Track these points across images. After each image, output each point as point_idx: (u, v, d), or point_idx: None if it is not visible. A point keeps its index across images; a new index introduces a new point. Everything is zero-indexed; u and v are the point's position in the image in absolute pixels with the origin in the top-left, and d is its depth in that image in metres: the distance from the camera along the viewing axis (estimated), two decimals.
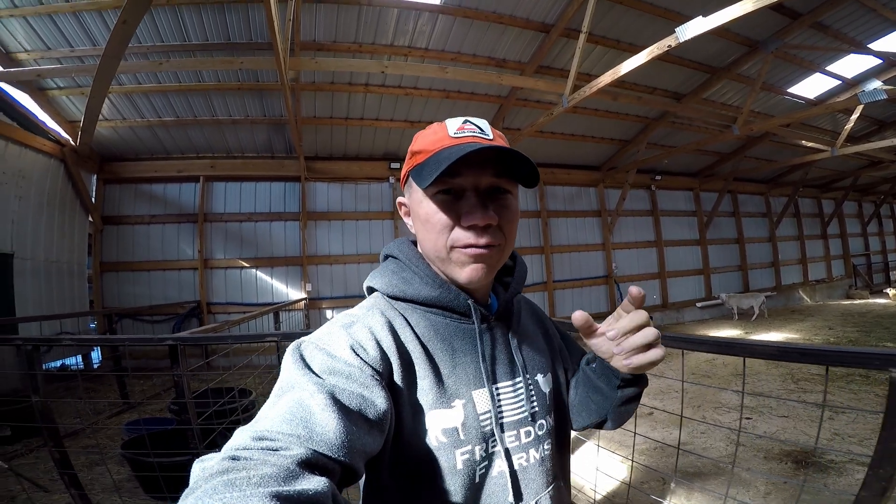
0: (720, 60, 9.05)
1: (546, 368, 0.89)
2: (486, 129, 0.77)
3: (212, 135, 8.21)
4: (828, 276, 17.35)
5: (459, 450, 0.72)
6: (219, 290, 8.63)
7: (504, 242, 0.77)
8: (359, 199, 9.60)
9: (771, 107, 10.89)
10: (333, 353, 0.66)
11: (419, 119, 8.88)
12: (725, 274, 14.17)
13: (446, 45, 7.30)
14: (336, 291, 9.29)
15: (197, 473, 0.47)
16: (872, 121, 12.84)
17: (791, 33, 8.27)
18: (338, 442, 0.55)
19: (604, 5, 6.89)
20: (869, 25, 8.43)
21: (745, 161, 13.35)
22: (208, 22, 6.07)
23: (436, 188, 0.74)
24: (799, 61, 9.31)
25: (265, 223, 8.98)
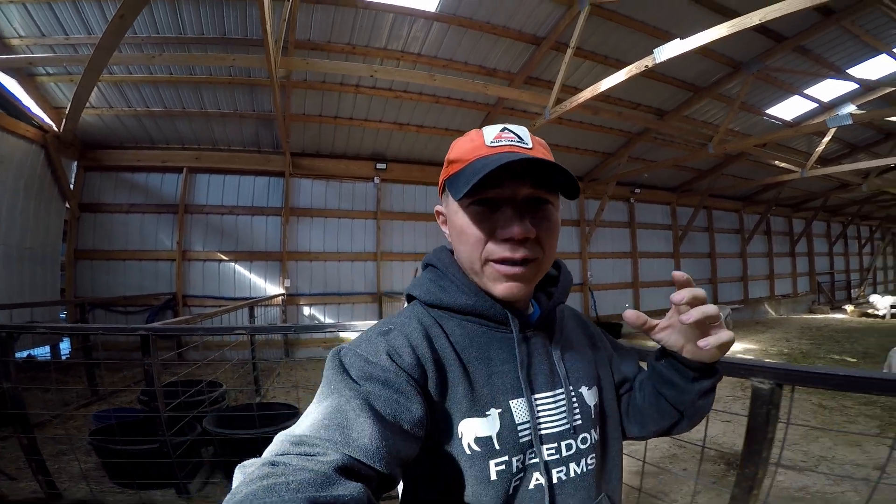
0: (704, 80, 9.30)
1: (592, 381, 0.86)
2: (525, 138, 0.75)
3: (199, 126, 8.15)
4: (793, 292, 18.02)
5: (493, 460, 0.71)
6: (196, 283, 8.57)
7: (542, 256, 0.75)
8: (342, 198, 9.62)
9: (749, 126, 11.25)
10: (371, 360, 0.66)
11: (408, 122, 8.95)
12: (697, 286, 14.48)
13: (439, 52, 7.38)
14: (315, 288, 9.31)
15: (238, 479, 0.48)
16: (845, 144, 13.36)
17: (774, 56, 8.55)
18: (373, 447, 0.56)
19: (594, 21, 7.03)
20: (850, 51, 8.74)
21: (722, 178, 13.76)
22: (205, 15, 6.04)
23: (471, 199, 0.73)
24: (779, 83, 9.62)
25: (247, 217, 8.94)
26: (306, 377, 6.91)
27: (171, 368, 5.47)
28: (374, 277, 9.74)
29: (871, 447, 4.11)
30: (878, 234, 23.89)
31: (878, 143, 13.53)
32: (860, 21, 7.74)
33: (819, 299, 18.69)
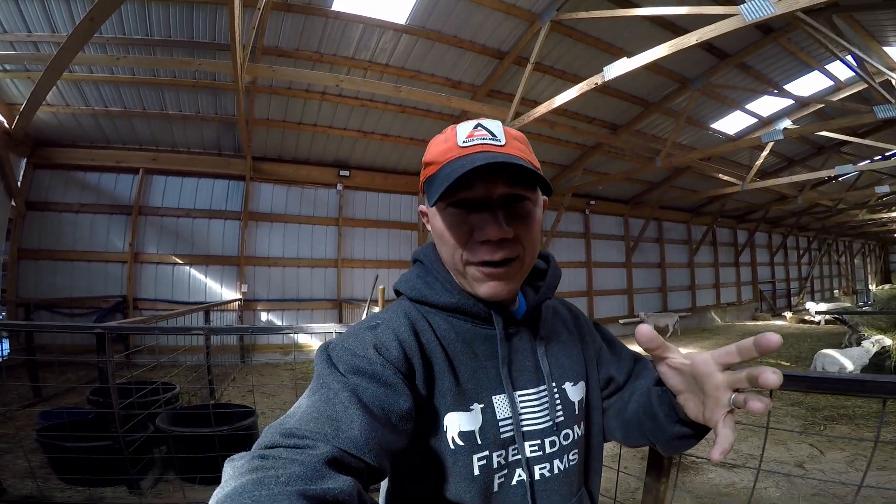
0: (654, 95, 9.85)
1: (578, 376, 0.85)
2: (498, 134, 0.73)
3: (158, 127, 8.01)
4: (737, 300, 19.04)
5: (476, 455, 0.71)
6: (147, 286, 8.36)
7: (523, 252, 0.74)
8: (304, 203, 9.61)
9: (696, 140, 11.94)
10: (358, 353, 0.67)
11: (373, 130, 9.07)
12: (647, 294, 15.22)
13: (406, 63, 7.55)
14: (273, 294, 9.25)
15: (228, 472, 0.48)
16: (783, 157, 14.33)
17: (718, 72, 9.14)
18: (363, 439, 0.56)
19: (554, 38, 7.40)
20: (787, 68, 9.39)
21: (671, 191, 14.46)
22: (174, 17, 6.01)
23: (447, 201, 0.73)
24: (722, 99, 10.26)
25: (204, 220, 8.81)
26: (263, 382, 6.87)
27: (122, 371, 5.37)
28: (334, 284, 9.75)
29: (794, 445, 4.45)
30: (815, 245, 25.44)
31: (812, 156, 14.54)
32: (795, 39, 8.35)
33: (761, 307, 19.83)
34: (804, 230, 23.64)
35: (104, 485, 3.01)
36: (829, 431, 4.70)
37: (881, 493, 3.03)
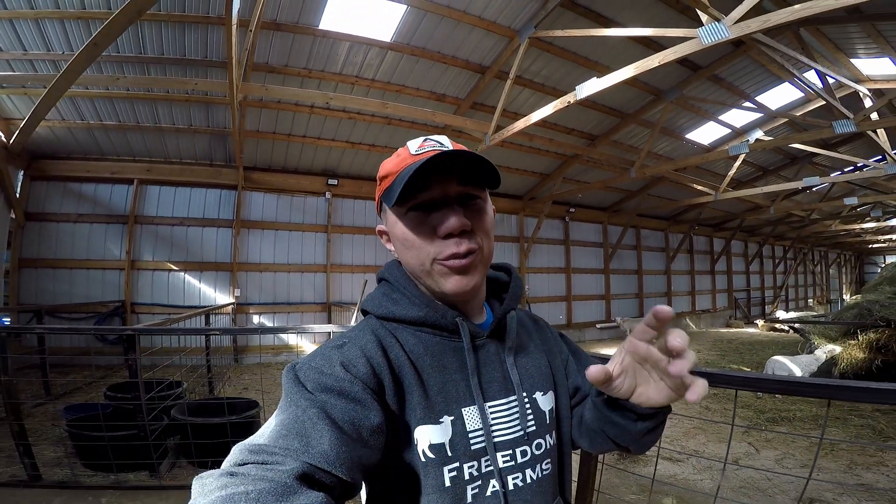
0: (630, 107, 10.33)
1: (547, 386, 0.87)
2: (446, 144, 0.79)
3: (151, 140, 8.32)
4: (712, 307, 19.60)
5: (447, 466, 0.72)
6: (144, 292, 8.67)
7: (483, 245, 0.78)
8: (293, 211, 9.98)
9: (672, 150, 12.45)
10: (325, 371, 0.67)
11: (360, 141, 9.48)
12: (624, 300, 15.76)
13: (392, 78, 7.97)
14: (264, 298, 9.60)
15: (196, 490, 0.48)
16: (757, 167, 14.83)
17: (691, 84, 9.65)
18: (333, 454, 0.57)
19: (533, 53, 7.90)
20: (758, 79, 9.89)
21: (649, 199, 14.91)
22: (166, 36, 6.32)
23: (407, 205, 0.76)
24: (696, 110, 10.77)
25: (197, 228, 9.14)
26: (256, 380, 7.24)
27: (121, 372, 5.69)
28: (323, 288, 10.13)
29: (734, 444, 4.71)
30: (791, 254, 26.03)
31: (785, 166, 15.01)
32: (766, 51, 8.90)
33: (736, 314, 20.30)
34: (780, 239, 24.21)
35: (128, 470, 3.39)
36: (768, 432, 5.06)
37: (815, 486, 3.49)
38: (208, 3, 5.83)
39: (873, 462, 4.10)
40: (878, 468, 3.97)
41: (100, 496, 3.16)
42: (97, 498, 3.15)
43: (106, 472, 3.39)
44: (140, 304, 8.58)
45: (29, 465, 3.04)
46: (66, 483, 3.18)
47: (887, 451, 4.29)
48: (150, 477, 3.36)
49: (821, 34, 8.38)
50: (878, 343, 6.29)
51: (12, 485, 3.13)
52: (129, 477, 3.38)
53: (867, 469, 3.95)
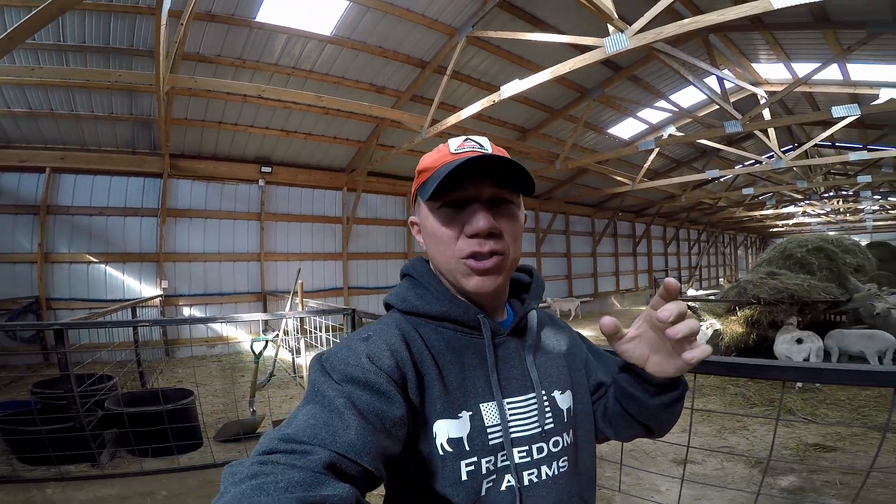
0: (558, 103, 10.95)
1: (565, 385, 0.88)
2: (485, 145, 0.80)
3: (66, 127, 7.80)
4: (635, 287, 21.19)
5: (464, 461, 0.73)
6: (61, 286, 8.17)
7: (508, 250, 0.79)
8: (224, 199, 9.73)
9: (596, 143, 13.31)
10: (351, 363, 0.69)
11: (296, 129, 9.37)
12: (555, 282, 16.68)
13: (331, 69, 7.94)
14: (195, 289, 9.36)
15: (228, 478, 0.49)
16: (671, 160, 16.18)
17: (613, 83, 10.38)
18: (359, 444, 0.58)
19: (471, 50, 8.18)
20: (672, 80, 10.71)
21: (576, 188, 15.86)
22: (89, 25, 5.98)
23: (440, 201, 0.78)
24: (617, 107, 11.57)
25: (119, 218, 8.70)
26: (190, 373, 7.13)
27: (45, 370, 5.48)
28: (257, 277, 10.00)
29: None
30: (704, 237, 28.47)
31: (695, 159, 16.59)
32: (666, 58, 9.65)
33: (655, 293, 21.90)
34: (694, 224, 26.36)
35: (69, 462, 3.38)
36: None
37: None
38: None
39: (739, 426, 4.74)
40: (742, 432, 4.62)
41: (44, 488, 3.18)
42: (42, 490, 3.17)
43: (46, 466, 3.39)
44: (57, 300, 8.09)
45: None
46: (6, 478, 3.18)
47: (751, 417, 4.97)
48: (91, 467, 3.38)
49: (728, 40, 9.24)
50: (752, 319, 7.17)
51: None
52: (70, 468, 3.38)
53: (733, 433, 4.58)
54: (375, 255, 11.95)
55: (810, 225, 29.09)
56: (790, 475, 3.67)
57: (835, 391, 5.79)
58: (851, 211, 22.65)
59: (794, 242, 8.90)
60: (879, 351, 6.12)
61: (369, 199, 11.63)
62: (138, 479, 3.45)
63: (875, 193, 18.27)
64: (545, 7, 7.72)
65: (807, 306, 7.31)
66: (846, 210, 22.34)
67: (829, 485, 3.42)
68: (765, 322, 7.23)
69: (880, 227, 28.50)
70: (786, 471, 3.74)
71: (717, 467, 3.84)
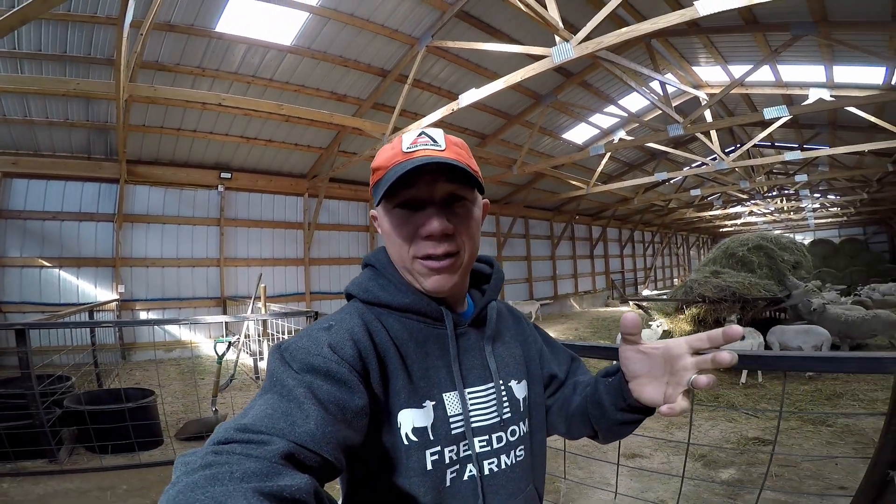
0: (514, 109, 11.39)
1: (521, 375, 0.89)
2: (439, 140, 0.78)
3: (20, 133, 7.70)
4: (593, 289, 21.85)
5: (429, 450, 0.74)
6: (11, 290, 8.04)
7: (464, 249, 0.79)
8: (183, 205, 9.73)
9: (552, 148, 13.82)
10: (312, 352, 0.67)
11: (256, 136, 9.46)
12: (515, 285, 17.12)
13: (291, 78, 8.10)
14: (152, 294, 9.33)
15: (180, 469, 0.47)
16: (624, 163, 16.88)
17: (565, 89, 10.84)
18: (318, 434, 0.57)
19: (431, 59, 8.51)
20: (619, 86, 11.18)
21: (535, 192, 16.34)
22: (46, 33, 5.98)
23: (393, 203, 0.77)
24: (570, 112, 12.05)
25: (73, 223, 8.62)
26: (147, 376, 7.15)
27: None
28: (217, 282, 10.02)
29: None
30: (658, 238, 29.48)
31: (646, 162, 17.25)
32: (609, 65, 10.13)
33: (613, 294, 22.68)
34: (648, 225, 27.25)
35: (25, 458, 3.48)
36: None
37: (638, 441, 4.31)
38: (97, 3, 5.64)
39: (685, 422, 4.87)
40: (686, 427, 4.78)
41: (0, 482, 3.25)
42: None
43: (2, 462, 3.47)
44: (8, 303, 7.95)
45: None
46: None
47: (696, 411, 5.21)
48: (48, 463, 3.49)
49: (670, 45, 9.80)
50: (699, 317, 7.65)
51: None
52: (26, 464, 3.48)
53: (679, 428, 4.86)
54: (338, 260, 12.09)
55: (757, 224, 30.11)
56: (731, 468, 3.88)
57: (775, 386, 6.11)
58: (794, 210, 23.54)
59: (736, 241, 9.44)
60: (815, 345, 6.46)
61: (331, 204, 11.78)
62: (98, 474, 3.57)
63: (814, 192, 19.03)
64: (499, 16, 8.09)
65: (748, 303, 7.69)
66: (789, 209, 23.25)
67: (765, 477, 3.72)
68: (710, 320, 7.63)
69: (822, 224, 29.58)
70: (727, 464, 3.95)
71: (664, 461, 4.06)
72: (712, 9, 4.31)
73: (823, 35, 7.55)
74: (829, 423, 4.74)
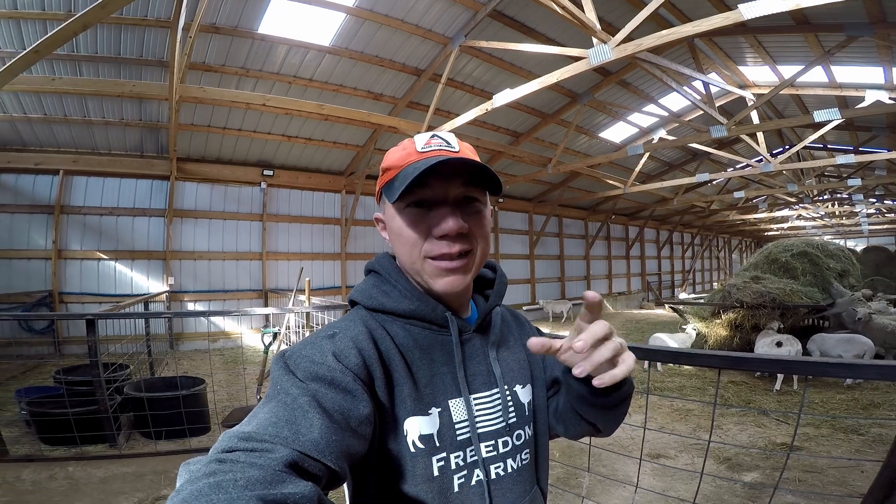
0: (550, 108, 11.30)
1: (526, 379, 0.89)
2: (452, 143, 0.78)
3: (78, 132, 8.19)
4: (627, 290, 21.43)
5: (435, 457, 0.74)
6: (72, 281, 8.60)
7: (476, 248, 0.79)
8: (228, 201, 10.14)
9: (588, 147, 13.62)
10: (317, 360, 0.67)
11: (297, 135, 9.76)
12: (548, 284, 17.05)
13: (330, 78, 8.33)
14: (199, 286, 9.77)
15: (184, 476, 0.48)
16: (663, 163, 16.46)
17: (602, 88, 10.68)
18: (322, 442, 0.57)
19: (464, 58, 8.58)
20: (659, 85, 10.90)
21: (570, 191, 16.19)
22: (101, 36, 6.34)
23: (406, 201, 0.77)
24: (608, 111, 11.87)
25: (128, 218, 9.13)
26: (193, 366, 7.54)
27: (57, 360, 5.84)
28: (259, 275, 10.41)
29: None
30: (698, 241, 28.63)
31: (687, 162, 16.74)
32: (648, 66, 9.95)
33: (648, 296, 22.11)
34: (688, 227, 26.49)
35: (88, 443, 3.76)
36: None
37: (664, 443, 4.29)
38: (147, 6, 5.97)
39: (714, 425, 4.96)
40: (715, 431, 4.84)
41: (66, 466, 3.54)
42: (63, 467, 3.53)
43: (67, 446, 3.75)
44: (68, 294, 8.51)
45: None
46: (32, 457, 3.54)
47: (725, 416, 5.27)
48: (108, 448, 3.77)
49: (714, 44, 9.52)
50: (735, 322, 7.49)
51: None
52: (89, 448, 3.76)
53: (706, 431, 4.76)
54: (373, 255, 12.07)
55: (805, 229, 29.07)
56: (755, 471, 3.89)
57: (811, 394, 5.98)
58: (847, 215, 22.57)
59: (780, 247, 9.18)
60: (857, 355, 6.29)
61: (367, 201, 12.02)
62: (153, 458, 3.81)
63: (869, 196, 18.15)
64: (534, 16, 8.05)
65: (788, 310, 7.49)
66: (842, 214, 22.29)
67: (788, 481, 3.62)
68: (748, 325, 7.45)
69: (877, 231, 28.40)
70: (751, 467, 3.96)
71: (688, 462, 4.09)
72: (757, 13, 4.22)
73: (880, 36, 7.21)
74: (861, 432, 4.65)
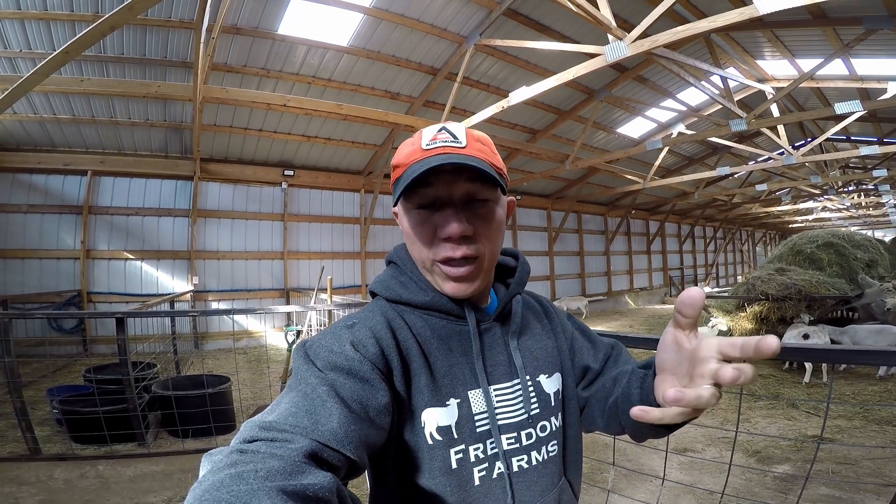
0: (566, 104, 11.21)
1: (552, 368, 0.87)
2: (459, 136, 0.75)
3: (105, 132, 8.37)
4: (649, 285, 21.18)
5: (453, 448, 0.73)
6: (100, 281, 8.79)
7: (484, 252, 0.77)
8: (250, 200, 10.28)
9: (606, 143, 13.50)
10: (335, 350, 0.68)
11: (316, 135, 9.85)
12: (567, 280, 16.90)
13: (348, 78, 8.40)
14: (223, 285, 9.92)
15: (206, 467, 0.49)
16: (682, 157, 16.23)
17: (619, 84, 10.58)
18: (341, 432, 0.57)
19: (479, 57, 8.57)
20: (677, 80, 10.78)
21: (588, 187, 16.03)
22: (127, 37, 6.49)
23: (412, 201, 0.75)
24: (625, 107, 11.76)
25: (153, 218, 9.30)
26: (218, 365, 7.66)
27: (84, 359, 5.99)
28: (281, 274, 10.54)
29: None
30: (721, 234, 28.12)
31: (707, 156, 16.54)
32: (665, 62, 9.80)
33: (670, 292, 21.95)
34: (710, 221, 26.07)
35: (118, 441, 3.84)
36: None
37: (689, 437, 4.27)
38: (171, 8, 6.09)
39: (742, 418, 4.91)
40: (743, 424, 4.80)
41: (96, 465, 3.63)
42: (94, 466, 3.62)
43: (97, 445, 3.85)
44: (96, 293, 8.72)
45: (30, 439, 3.48)
46: (64, 455, 3.64)
47: (754, 409, 5.22)
48: (138, 446, 3.86)
49: (731, 39, 9.36)
50: (761, 315, 7.36)
51: (14, 459, 3.55)
52: (119, 447, 3.85)
53: (734, 424, 4.57)
54: None
55: (831, 220, 28.40)
56: (785, 464, 3.84)
57: (841, 386, 5.92)
58: (874, 206, 22.08)
59: (805, 238, 9.01)
60: (889, 345, 6.11)
61: (386, 200, 12.04)
62: (180, 457, 3.87)
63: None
64: (549, 14, 8.03)
65: (815, 302, 7.40)
66: (868, 205, 21.85)
67: (821, 473, 3.57)
68: (773, 318, 7.36)
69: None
70: (782, 460, 3.91)
71: (716, 455, 4.08)
72: (772, 7, 4.14)
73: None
74: (895, 423, 4.55)
